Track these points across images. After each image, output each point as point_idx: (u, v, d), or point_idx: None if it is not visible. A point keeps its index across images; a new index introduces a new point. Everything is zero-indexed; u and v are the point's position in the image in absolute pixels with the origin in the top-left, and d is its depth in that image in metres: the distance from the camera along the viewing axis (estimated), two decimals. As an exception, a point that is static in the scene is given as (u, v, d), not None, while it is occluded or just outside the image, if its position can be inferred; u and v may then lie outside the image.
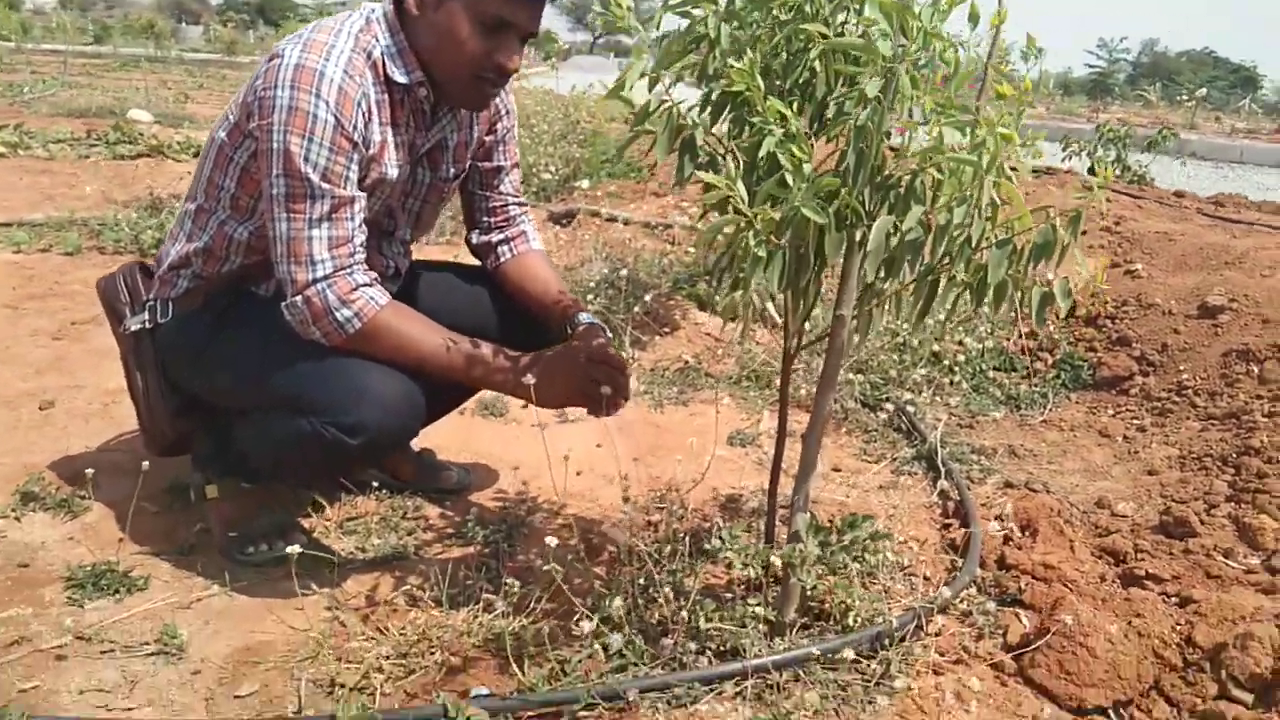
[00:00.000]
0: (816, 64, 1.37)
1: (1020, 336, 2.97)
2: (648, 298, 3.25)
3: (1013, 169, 1.40)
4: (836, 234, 1.33)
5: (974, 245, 1.39)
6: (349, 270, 1.65)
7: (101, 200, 5.11)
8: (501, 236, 2.06)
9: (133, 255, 4.05)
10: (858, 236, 1.41)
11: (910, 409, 2.60)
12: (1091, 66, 20.42)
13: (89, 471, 1.94)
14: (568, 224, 4.70)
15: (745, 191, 1.26)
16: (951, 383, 2.77)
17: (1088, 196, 1.40)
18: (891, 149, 1.42)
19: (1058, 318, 2.97)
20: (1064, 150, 5.46)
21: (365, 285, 1.66)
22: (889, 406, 2.67)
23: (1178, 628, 1.64)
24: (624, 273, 3.44)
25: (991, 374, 2.83)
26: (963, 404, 2.71)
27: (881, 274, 1.41)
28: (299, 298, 1.64)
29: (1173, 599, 1.77)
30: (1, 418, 2.42)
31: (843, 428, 2.62)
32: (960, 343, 2.83)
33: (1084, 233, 3.53)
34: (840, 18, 1.40)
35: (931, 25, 1.32)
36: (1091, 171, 5.23)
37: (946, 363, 2.81)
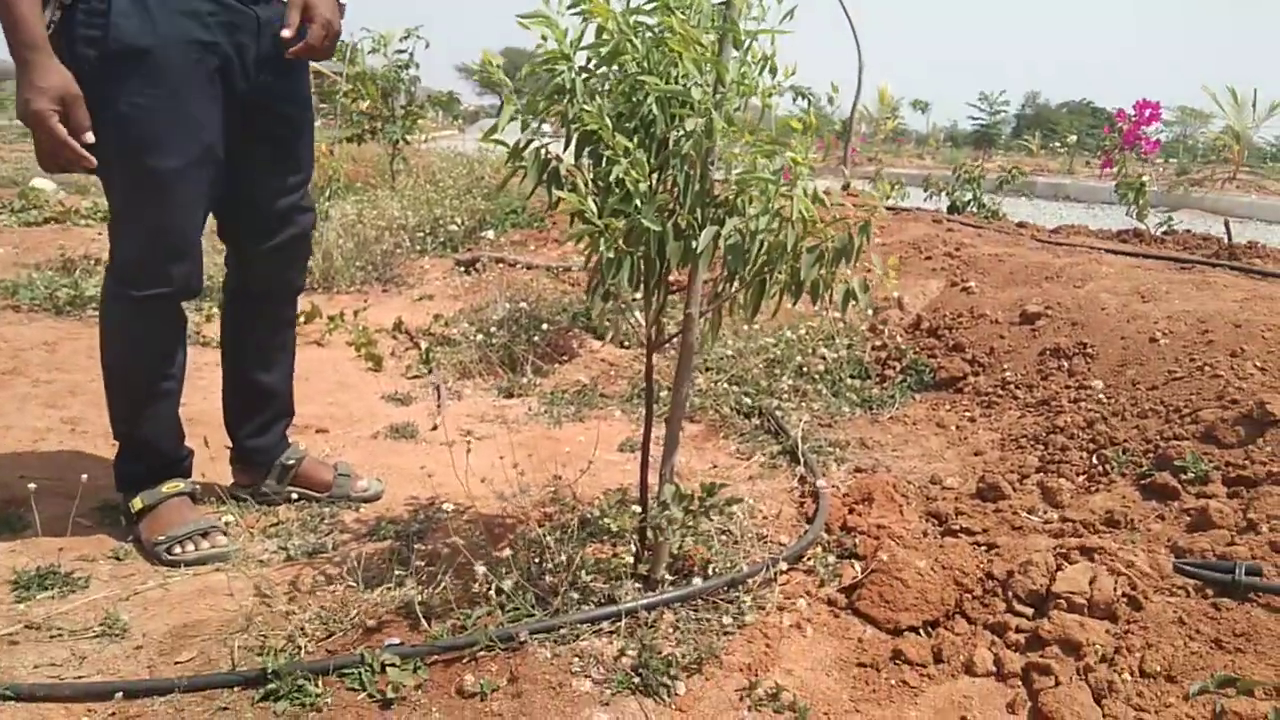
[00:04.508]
0: (655, 108, 1.70)
1: (873, 349, 3.37)
2: (545, 327, 3.55)
3: (826, 192, 1.76)
4: (676, 242, 1.66)
5: (791, 252, 1.73)
6: None
7: (12, 264, 5.20)
8: None
9: (48, 312, 4.19)
10: (695, 246, 1.73)
11: (778, 413, 2.94)
12: (974, 119, 21.67)
13: (31, 486, 2.12)
14: (473, 270, 4.98)
15: (595, 208, 1.57)
16: (814, 390, 3.13)
17: (874, 210, 1.76)
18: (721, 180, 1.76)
19: (888, 325, 3.36)
20: (925, 192, 6.03)
21: None
22: (760, 412, 3.00)
23: (980, 565, 1.98)
24: (524, 306, 3.74)
25: (849, 381, 3.20)
26: (824, 407, 3.07)
27: (721, 274, 1.74)
28: None
29: (981, 546, 2.11)
30: (-65, 458, 2.57)
31: (720, 432, 2.94)
32: (821, 356, 3.19)
33: (928, 258, 3.99)
34: (674, 71, 1.74)
35: (739, 77, 1.67)
36: (951, 208, 5.77)
37: (810, 373, 3.17)
